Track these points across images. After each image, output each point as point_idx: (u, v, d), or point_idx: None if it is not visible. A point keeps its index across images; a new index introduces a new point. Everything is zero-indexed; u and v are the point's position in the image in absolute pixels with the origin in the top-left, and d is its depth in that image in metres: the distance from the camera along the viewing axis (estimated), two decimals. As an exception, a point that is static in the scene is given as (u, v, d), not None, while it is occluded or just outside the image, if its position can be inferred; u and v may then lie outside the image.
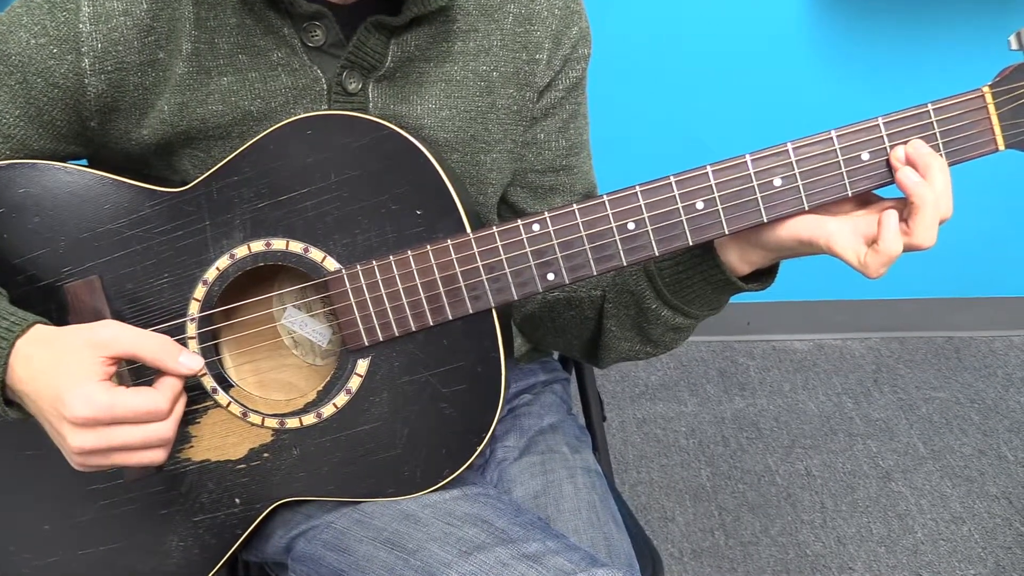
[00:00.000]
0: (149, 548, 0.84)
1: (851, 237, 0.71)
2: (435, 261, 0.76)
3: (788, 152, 0.71)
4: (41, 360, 0.72)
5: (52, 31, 0.78)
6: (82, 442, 0.70)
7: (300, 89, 0.82)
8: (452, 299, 0.76)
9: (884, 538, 1.78)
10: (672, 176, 0.72)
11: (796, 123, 2.20)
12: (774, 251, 0.77)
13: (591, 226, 0.74)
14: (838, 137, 0.70)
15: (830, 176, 0.71)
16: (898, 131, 0.70)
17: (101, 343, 0.72)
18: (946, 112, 0.69)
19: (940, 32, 2.15)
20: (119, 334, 0.73)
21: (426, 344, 0.78)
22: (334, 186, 0.77)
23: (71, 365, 0.71)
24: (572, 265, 0.75)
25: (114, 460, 0.72)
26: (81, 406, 0.69)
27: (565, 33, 0.90)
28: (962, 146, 0.70)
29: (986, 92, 0.69)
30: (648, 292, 0.84)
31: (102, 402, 0.69)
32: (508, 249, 0.75)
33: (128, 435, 0.71)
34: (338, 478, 0.81)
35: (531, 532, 0.79)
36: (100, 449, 0.70)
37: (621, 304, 0.87)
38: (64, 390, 0.69)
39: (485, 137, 0.88)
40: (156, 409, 0.71)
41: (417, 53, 0.84)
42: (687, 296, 0.82)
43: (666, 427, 2.11)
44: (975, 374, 2.28)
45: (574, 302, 0.93)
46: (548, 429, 1.00)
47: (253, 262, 0.79)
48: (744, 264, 0.78)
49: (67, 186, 0.80)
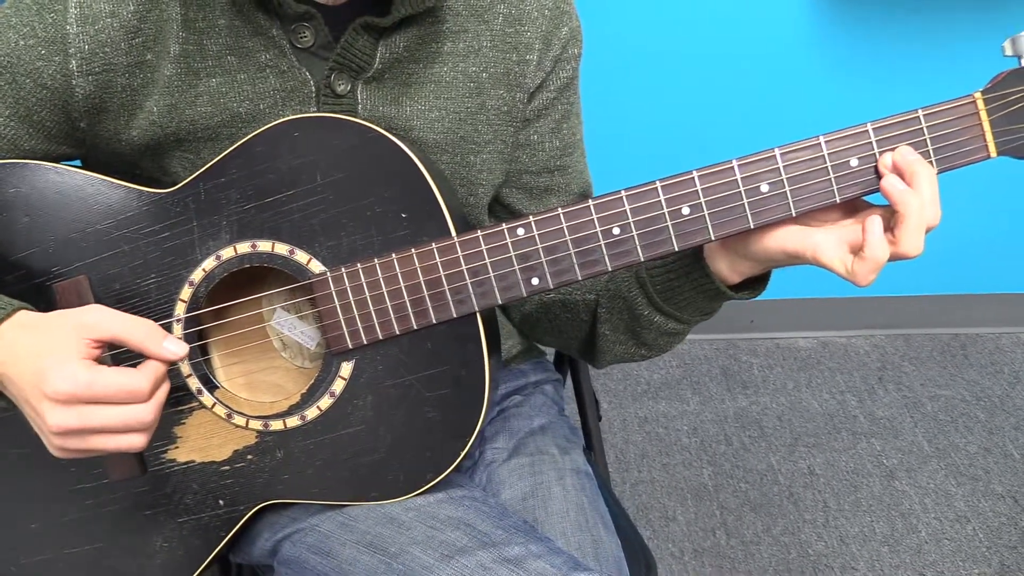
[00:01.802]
0: (134, 548, 0.84)
1: (837, 247, 0.70)
2: (419, 264, 0.75)
3: (776, 158, 0.69)
4: (25, 343, 0.71)
5: (40, 32, 0.78)
6: (60, 420, 0.69)
7: (289, 91, 0.81)
8: (436, 302, 0.75)
9: (888, 537, 1.76)
10: (658, 181, 0.70)
11: (796, 124, 2.18)
12: (762, 262, 0.75)
13: (576, 231, 0.72)
14: (827, 143, 0.68)
15: (818, 182, 0.69)
16: (888, 137, 0.68)
17: (86, 326, 0.71)
18: (937, 119, 0.67)
19: (942, 35, 2.12)
20: (104, 317, 0.72)
21: (410, 348, 0.78)
22: (320, 188, 0.76)
23: (55, 345, 0.70)
24: (557, 270, 0.73)
25: (92, 443, 0.71)
26: (61, 382, 0.68)
27: (555, 34, 0.89)
28: (953, 153, 0.68)
29: (978, 98, 0.67)
30: (640, 298, 0.83)
31: (82, 379, 0.69)
32: (492, 253, 0.74)
33: (107, 416, 0.70)
34: (322, 481, 0.81)
35: (514, 535, 0.78)
36: (78, 429, 0.69)
37: (614, 309, 0.87)
38: (46, 368, 0.69)
39: (475, 138, 0.87)
40: (137, 389, 0.70)
41: (406, 54, 0.83)
42: (679, 303, 0.82)
43: (668, 426, 2.10)
44: (981, 371, 2.25)
45: (569, 304, 0.93)
46: (538, 430, 0.99)
47: (239, 264, 0.79)
48: (734, 274, 0.77)
49: (57, 186, 0.79)
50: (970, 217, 2.27)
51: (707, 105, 2.19)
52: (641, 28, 2.12)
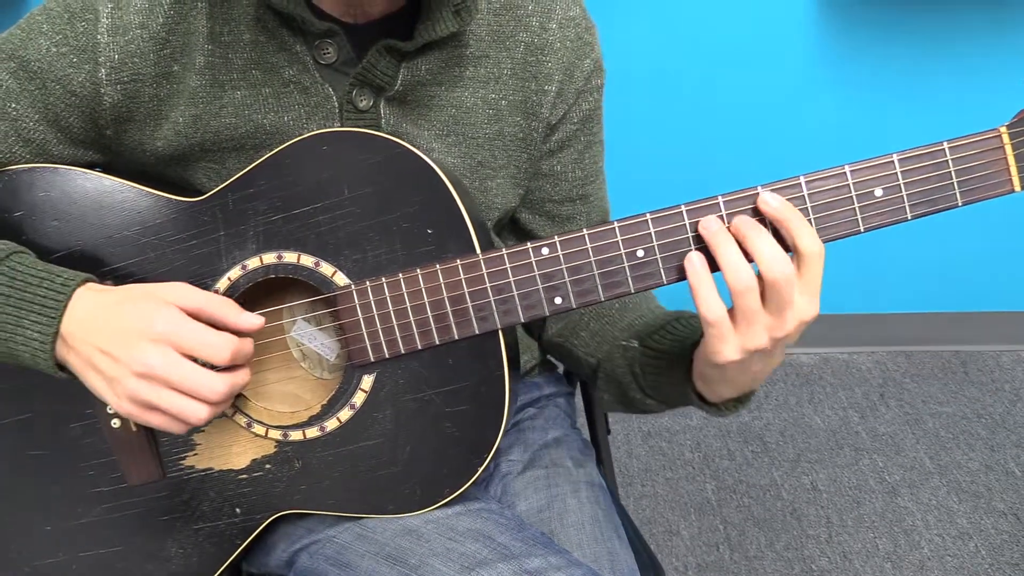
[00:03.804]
0: (149, 553, 0.83)
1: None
2: (443, 280, 0.75)
3: (801, 185, 0.69)
4: (108, 300, 0.72)
5: (72, 40, 0.78)
6: (153, 358, 0.69)
7: (313, 106, 0.81)
8: (459, 319, 0.75)
9: (890, 554, 1.75)
10: (683, 205, 0.70)
11: (803, 140, 2.18)
12: (720, 381, 0.75)
13: (600, 252, 0.72)
14: (852, 172, 0.68)
15: (843, 211, 0.69)
16: (913, 168, 0.68)
17: (170, 294, 0.73)
18: (962, 151, 0.67)
19: (947, 50, 2.10)
20: (187, 289, 0.74)
21: (431, 363, 0.77)
22: (347, 202, 0.76)
23: (145, 302, 0.72)
24: (580, 290, 0.73)
25: (162, 397, 0.70)
26: (162, 322, 0.70)
27: (577, 66, 0.89)
28: (978, 186, 0.67)
29: (1003, 132, 0.67)
30: (633, 385, 0.87)
31: (180, 320, 0.70)
32: (517, 272, 0.74)
33: (190, 372, 0.70)
34: (339, 493, 0.80)
35: (533, 548, 0.78)
36: (162, 377, 0.70)
37: (611, 384, 0.90)
38: (146, 312, 0.70)
39: (492, 163, 0.87)
40: (222, 346, 0.71)
41: (428, 77, 0.83)
42: (670, 400, 0.85)
43: (671, 440, 2.09)
44: (982, 389, 2.24)
45: (573, 357, 0.96)
46: (552, 443, 0.98)
47: (264, 274, 0.78)
48: (713, 396, 0.78)
49: (86, 191, 0.79)
50: (971, 236, 2.27)
51: (711, 115, 2.18)
52: (644, 43, 2.12)
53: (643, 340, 0.85)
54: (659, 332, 0.84)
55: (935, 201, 0.68)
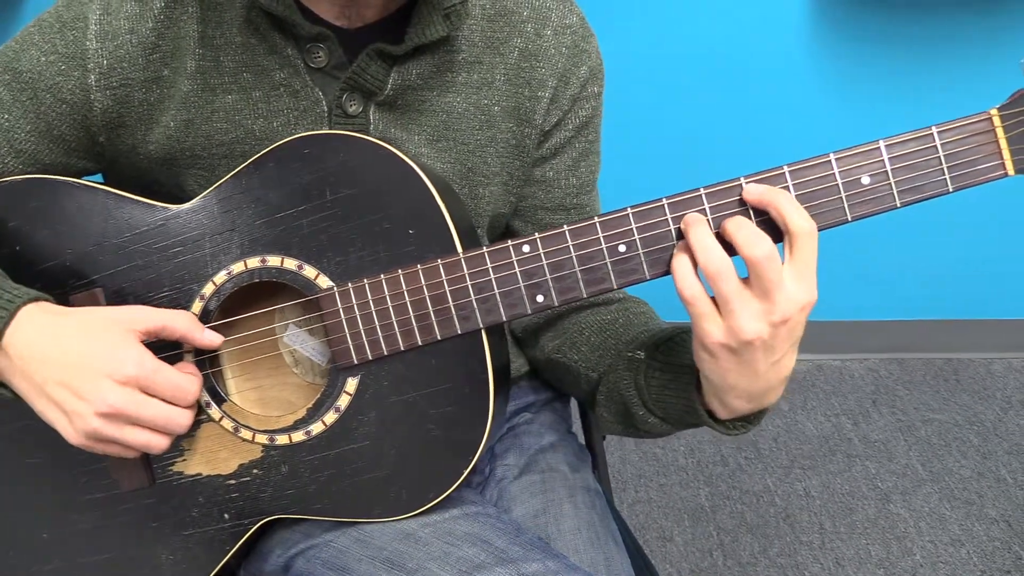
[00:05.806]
0: (140, 560, 0.80)
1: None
2: (425, 281, 0.71)
3: (784, 175, 0.65)
4: (66, 325, 0.69)
5: (61, 49, 0.76)
6: (117, 399, 0.66)
7: (302, 110, 0.78)
8: (440, 319, 0.71)
9: (883, 560, 1.70)
10: (665, 198, 0.66)
11: (797, 135, 2.14)
12: (726, 387, 0.68)
13: (581, 248, 0.68)
14: (837, 160, 0.64)
15: (829, 200, 0.64)
16: (901, 154, 0.63)
17: (132, 319, 0.70)
18: (951, 135, 0.63)
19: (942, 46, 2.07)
20: (146, 310, 0.71)
21: (415, 364, 0.73)
22: (329, 204, 0.73)
23: (107, 334, 0.68)
24: (562, 287, 0.69)
25: (124, 434, 0.68)
26: (130, 364, 0.67)
27: (574, 72, 0.85)
28: (969, 171, 0.63)
29: (994, 115, 0.62)
30: (636, 400, 0.78)
31: (150, 366, 0.68)
32: (498, 270, 0.70)
33: (155, 409, 0.68)
34: (325, 497, 0.76)
35: (531, 552, 0.74)
36: (126, 415, 0.67)
37: (612, 402, 0.82)
38: (110, 348, 0.67)
39: (483, 170, 0.84)
40: (189, 390, 0.70)
41: (419, 82, 0.80)
42: (674, 418, 0.77)
43: (665, 446, 2.04)
44: (974, 396, 2.19)
45: (572, 371, 0.89)
46: (548, 448, 0.94)
47: (249, 278, 0.75)
48: (726, 410, 0.71)
49: (76, 201, 0.77)
50: (963, 243, 2.23)
51: (705, 117, 2.14)
52: (638, 43, 2.07)
53: (649, 351, 0.78)
54: (666, 343, 0.78)
55: (924, 188, 0.64)
